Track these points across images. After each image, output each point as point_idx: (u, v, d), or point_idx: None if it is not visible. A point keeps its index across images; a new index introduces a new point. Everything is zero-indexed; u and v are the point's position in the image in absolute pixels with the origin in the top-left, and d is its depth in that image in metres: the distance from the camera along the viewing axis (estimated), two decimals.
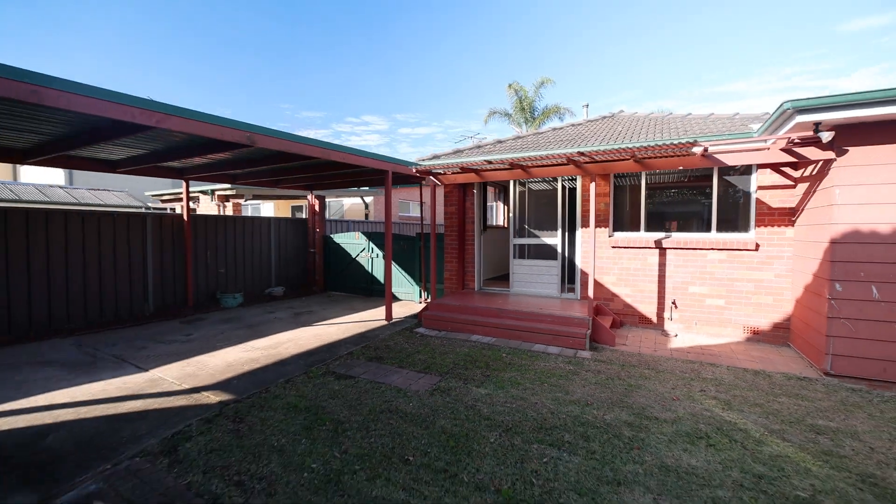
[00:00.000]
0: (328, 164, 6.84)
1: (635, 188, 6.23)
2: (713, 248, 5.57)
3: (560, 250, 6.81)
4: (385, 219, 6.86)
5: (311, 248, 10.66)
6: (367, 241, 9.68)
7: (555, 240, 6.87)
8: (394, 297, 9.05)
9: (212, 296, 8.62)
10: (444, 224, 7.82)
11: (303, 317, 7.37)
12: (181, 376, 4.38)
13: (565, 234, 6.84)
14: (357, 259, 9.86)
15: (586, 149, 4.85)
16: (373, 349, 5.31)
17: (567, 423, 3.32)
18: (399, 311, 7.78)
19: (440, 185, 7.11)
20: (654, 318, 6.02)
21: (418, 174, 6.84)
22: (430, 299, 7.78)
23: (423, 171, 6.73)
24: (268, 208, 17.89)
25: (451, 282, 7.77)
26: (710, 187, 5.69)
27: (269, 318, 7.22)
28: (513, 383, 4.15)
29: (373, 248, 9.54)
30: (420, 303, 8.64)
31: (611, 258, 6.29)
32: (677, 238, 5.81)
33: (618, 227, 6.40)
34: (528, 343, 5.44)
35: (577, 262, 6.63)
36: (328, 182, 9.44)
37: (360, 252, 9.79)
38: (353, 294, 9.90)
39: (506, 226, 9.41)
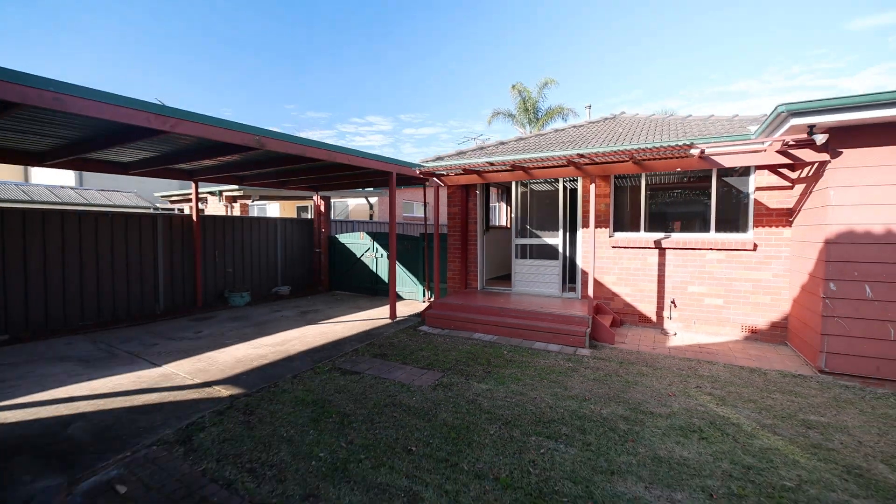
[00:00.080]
0: (334, 165, 6.99)
1: (636, 189, 6.33)
2: (712, 248, 5.66)
3: (561, 250, 6.92)
4: (389, 219, 7.00)
5: (316, 248, 10.83)
6: (371, 241, 9.83)
7: (556, 240, 6.97)
8: (398, 297, 9.19)
9: (220, 295, 8.81)
10: (448, 224, 7.95)
11: (309, 315, 7.53)
12: (193, 371, 4.55)
13: (566, 234, 6.95)
14: (362, 259, 10.01)
15: (586, 151, 4.96)
16: (377, 346, 5.45)
17: (565, 417, 3.44)
18: (403, 309, 7.92)
19: (443, 186, 7.24)
20: (654, 317, 6.11)
21: (422, 175, 6.97)
22: (434, 298, 7.91)
23: (427, 173, 6.87)
24: (273, 209, 18.11)
25: (454, 281, 7.90)
26: (709, 188, 5.77)
27: (276, 317, 7.39)
28: (513, 379, 4.27)
29: (377, 248, 9.69)
30: (423, 302, 8.78)
31: (611, 258, 6.39)
32: (677, 238, 5.90)
33: (618, 227, 6.50)
34: (529, 341, 5.56)
35: (578, 261, 6.73)
36: (333, 183, 9.61)
37: (365, 252, 9.94)
38: (357, 293, 10.05)
39: (508, 226, 9.52)
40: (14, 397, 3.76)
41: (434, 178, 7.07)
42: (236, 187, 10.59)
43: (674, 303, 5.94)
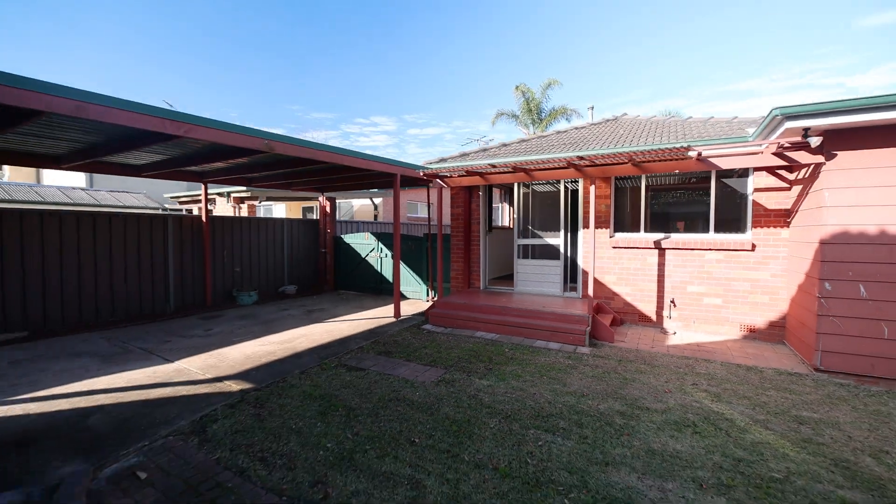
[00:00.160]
0: (339, 167, 7.14)
1: (636, 190, 6.42)
2: (711, 249, 5.74)
3: (563, 250, 7.02)
4: (394, 220, 7.15)
5: (322, 249, 11.01)
6: (376, 241, 9.98)
7: (557, 240, 7.08)
8: (402, 296, 9.33)
9: (228, 294, 9.01)
10: (451, 225, 8.08)
11: (315, 314, 7.70)
12: (204, 367, 4.71)
13: (568, 234, 7.05)
14: (366, 259, 10.17)
15: (585, 153, 5.07)
16: (382, 344, 5.59)
17: (563, 412, 3.55)
18: (407, 308, 8.06)
19: (447, 187, 7.38)
20: (654, 317, 6.20)
21: (425, 177, 7.11)
22: (437, 298, 8.04)
23: (430, 175, 7.00)
24: (280, 209, 18.35)
25: (457, 281, 8.03)
26: (708, 189, 5.86)
27: (283, 315, 7.56)
28: (514, 376, 4.40)
29: (382, 249, 9.84)
30: (427, 301, 8.91)
31: (612, 258, 6.49)
32: (676, 239, 5.99)
33: (619, 227, 6.59)
34: (530, 339, 5.67)
35: (579, 261, 6.83)
36: (339, 184, 9.77)
37: (370, 252, 10.10)
38: (362, 293, 10.21)
39: (511, 226, 9.63)
40: (37, 390, 3.94)
41: (437, 180, 7.20)
42: (244, 188, 10.79)
43: (673, 302, 6.03)
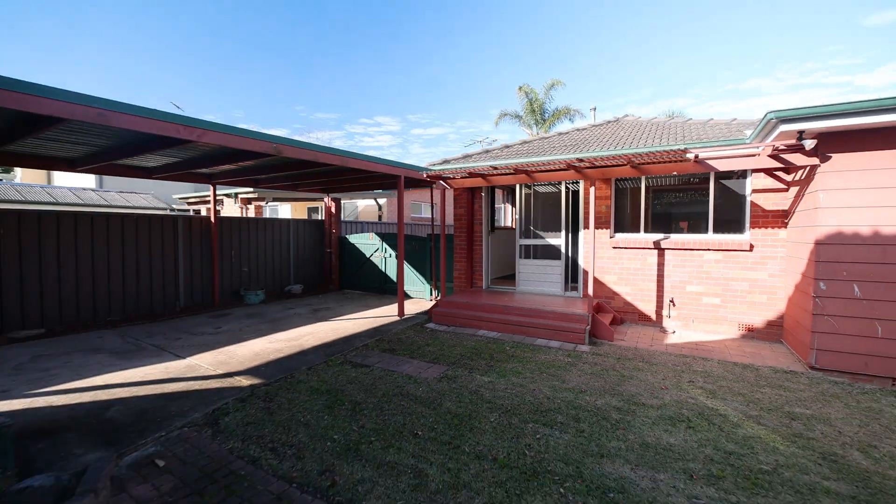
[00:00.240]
0: (344, 169, 7.29)
1: (636, 191, 6.52)
2: (710, 249, 5.83)
3: (564, 250, 7.13)
4: (398, 221, 7.29)
5: (327, 249, 11.18)
6: (380, 241, 10.14)
7: (559, 240, 7.19)
8: (406, 295, 9.48)
9: (236, 293, 9.20)
10: (454, 225, 8.21)
11: (321, 312, 7.86)
12: (215, 363, 4.88)
13: (569, 235, 7.16)
14: (371, 259, 10.33)
15: (584, 155, 5.18)
16: (386, 342, 5.74)
17: (561, 407, 3.67)
18: (411, 307, 8.21)
19: (450, 188, 7.50)
20: (653, 316, 6.30)
21: (429, 178, 7.25)
22: (440, 297, 8.17)
23: (434, 176, 7.14)
24: (285, 210, 18.56)
25: (460, 280, 8.16)
26: (707, 190, 5.94)
27: (290, 314, 7.73)
28: (514, 373, 4.52)
29: (386, 249, 9.99)
30: (430, 300, 9.05)
31: (612, 258, 6.59)
32: (675, 239, 6.08)
33: (619, 228, 6.69)
34: (531, 338, 5.79)
35: (580, 261, 6.94)
36: (344, 185, 9.93)
37: (374, 252, 10.26)
38: (367, 292, 10.37)
39: (513, 227, 9.74)
40: (58, 384, 4.13)
41: (441, 181, 7.34)
42: (251, 189, 10.99)
43: (672, 302, 6.12)
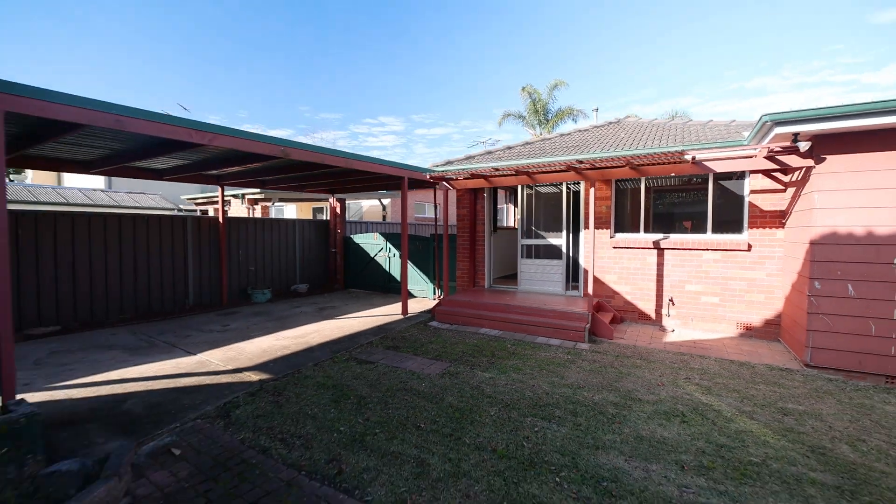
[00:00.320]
0: (350, 171, 7.44)
1: (636, 192, 6.61)
2: (708, 249, 5.91)
3: (565, 250, 7.24)
4: (401, 221, 7.42)
5: (332, 248, 11.35)
6: (384, 241, 10.29)
7: (560, 240, 7.30)
8: (409, 294, 9.62)
9: (243, 292, 9.39)
10: (457, 226, 8.33)
11: (326, 311, 8.02)
12: (224, 359, 5.04)
13: (570, 235, 7.27)
14: (375, 258, 10.48)
15: (584, 157, 5.29)
16: (390, 339, 5.88)
17: (559, 402, 3.79)
18: (414, 306, 8.35)
19: (453, 189, 7.63)
20: (653, 315, 6.39)
21: (432, 180, 7.38)
22: (443, 296, 8.30)
23: (437, 178, 7.27)
24: (290, 210, 18.77)
25: (462, 280, 8.28)
26: (706, 191, 6.02)
27: (296, 312, 7.90)
28: (515, 369, 4.64)
29: (390, 248, 10.14)
30: (434, 299, 9.18)
31: (612, 258, 6.69)
32: (675, 239, 6.17)
33: (619, 228, 6.79)
34: (531, 336, 5.91)
35: (581, 261, 7.04)
36: (349, 186, 10.10)
37: (378, 252, 10.41)
38: (371, 291, 10.53)
39: (516, 227, 9.85)
40: (76, 378, 4.31)
41: (444, 182, 7.46)
42: (258, 190, 11.18)
43: (672, 301, 6.21)
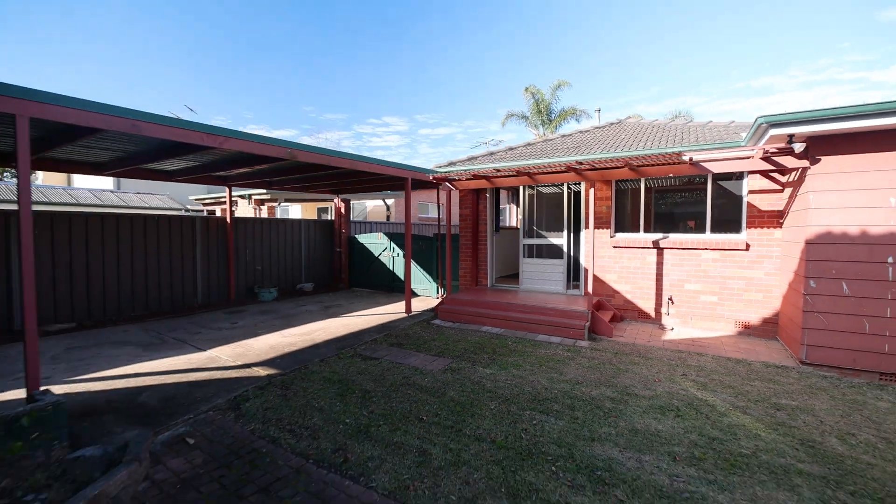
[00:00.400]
0: (354, 172, 7.59)
1: (636, 192, 6.70)
2: (707, 248, 5.99)
3: (566, 250, 7.34)
4: (405, 221, 7.56)
5: (337, 248, 11.52)
6: (388, 241, 10.43)
7: (561, 240, 7.40)
8: (413, 293, 9.76)
9: (250, 290, 9.57)
10: (460, 226, 8.46)
11: (331, 309, 8.18)
12: (233, 355, 5.20)
13: (571, 234, 7.37)
14: (379, 258, 10.63)
15: (584, 158, 5.39)
16: (394, 337, 6.02)
17: (557, 397, 3.91)
18: (418, 305, 8.48)
19: (455, 189, 7.75)
20: (653, 313, 6.48)
21: (435, 181, 7.51)
22: (446, 295, 8.42)
23: (440, 178, 7.39)
24: (296, 210, 18.98)
25: (465, 279, 8.41)
26: (704, 191, 6.11)
27: (302, 311, 8.06)
28: (515, 365, 4.76)
29: (394, 248, 10.28)
30: (437, 298, 9.31)
31: (612, 257, 6.79)
32: (674, 238, 6.25)
33: (619, 228, 6.88)
34: (532, 333, 6.02)
35: (582, 260, 7.14)
36: (353, 187, 10.25)
37: (382, 251, 10.56)
38: (375, 290, 10.68)
39: (518, 227, 9.96)
40: (92, 372, 4.48)
41: (446, 183, 7.59)
42: (265, 191, 11.37)
43: (671, 300, 6.29)
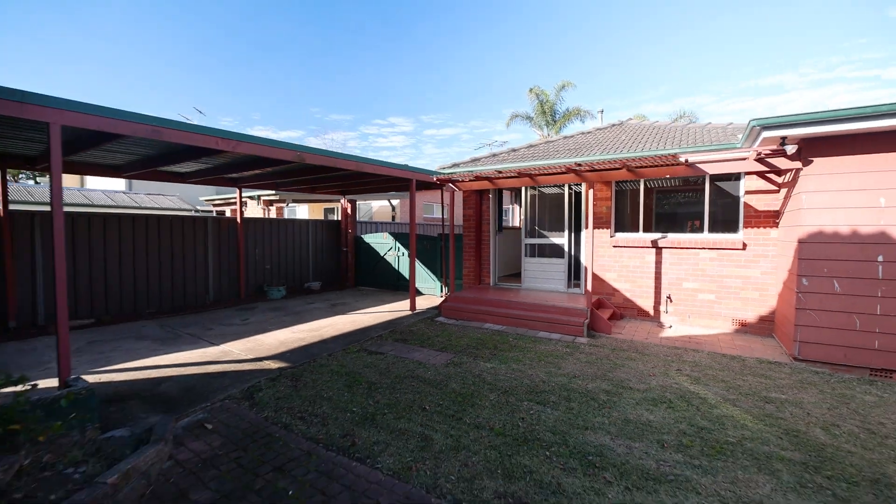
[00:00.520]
0: (360, 173, 7.81)
1: (635, 192, 6.84)
2: (705, 248, 6.12)
3: (567, 249, 7.50)
4: (409, 221, 7.76)
5: (343, 248, 11.76)
6: (393, 241, 10.65)
7: (562, 240, 7.56)
8: (417, 292, 9.96)
9: (259, 288, 9.84)
10: (463, 226, 8.65)
11: (338, 307, 8.41)
12: (245, 349, 5.44)
13: (572, 234, 7.52)
14: (385, 257, 10.85)
15: (583, 159, 5.55)
16: (399, 333, 6.22)
17: (554, 389, 4.08)
18: (422, 303, 8.68)
19: (459, 190, 7.94)
20: (652, 312, 6.61)
21: (438, 182, 7.70)
22: (450, 293, 8.61)
23: (443, 179, 7.59)
24: (303, 210, 19.30)
25: (468, 278, 8.59)
26: (702, 192, 6.23)
27: (310, 308, 8.30)
28: (515, 360, 4.94)
29: (399, 248, 10.50)
30: (441, 296, 9.51)
31: (612, 257, 6.93)
32: (672, 238, 6.39)
33: (619, 228, 7.02)
34: (533, 330, 6.19)
35: (583, 259, 7.29)
36: (359, 188, 10.49)
37: (388, 251, 10.78)
38: (381, 289, 10.90)
39: (520, 227, 10.12)
40: (114, 364, 4.74)
41: (450, 184, 7.78)
42: (273, 192, 11.64)
43: (670, 298, 6.43)
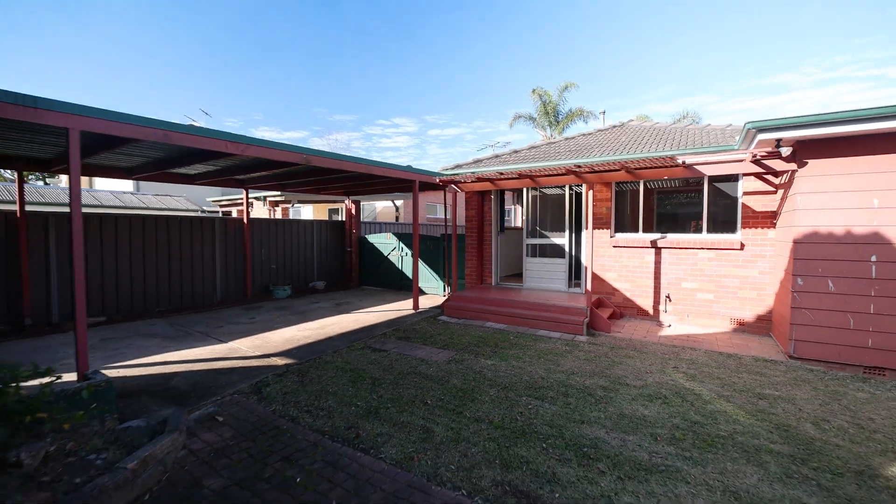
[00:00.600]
0: (365, 175, 7.95)
1: (635, 193, 6.93)
2: (703, 248, 6.20)
3: (568, 249, 7.60)
4: (413, 222, 7.90)
5: (347, 248, 11.92)
6: (397, 241, 10.79)
7: (563, 240, 7.66)
8: (420, 291, 10.08)
9: (265, 288, 10.01)
10: (465, 226, 8.77)
11: (343, 306, 8.56)
12: (253, 347, 5.59)
13: (573, 234, 7.62)
14: (388, 257, 11.00)
15: (582, 161, 5.65)
16: (402, 331, 6.35)
17: (553, 385, 4.19)
18: (425, 302, 8.81)
19: (461, 191, 8.06)
20: (651, 311, 6.70)
21: (441, 183, 7.83)
22: (452, 292, 8.74)
23: (446, 181, 7.71)
24: (308, 211, 19.47)
25: (471, 277, 8.71)
26: (701, 193, 6.31)
27: (315, 307, 8.45)
28: (515, 358, 5.05)
29: (402, 248, 10.64)
30: (444, 296, 9.63)
31: (612, 257, 7.02)
32: (671, 238, 6.47)
33: (619, 228, 7.11)
34: (533, 329, 6.30)
35: (583, 260, 7.38)
36: (364, 189, 10.63)
37: (392, 251, 10.92)
38: (385, 288, 11.05)
39: (522, 227, 10.22)
40: (127, 360, 4.91)
41: (452, 185, 7.90)
42: (279, 193, 11.81)
43: (669, 297, 6.51)
